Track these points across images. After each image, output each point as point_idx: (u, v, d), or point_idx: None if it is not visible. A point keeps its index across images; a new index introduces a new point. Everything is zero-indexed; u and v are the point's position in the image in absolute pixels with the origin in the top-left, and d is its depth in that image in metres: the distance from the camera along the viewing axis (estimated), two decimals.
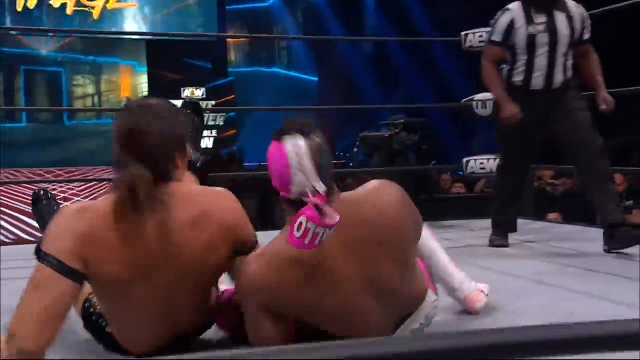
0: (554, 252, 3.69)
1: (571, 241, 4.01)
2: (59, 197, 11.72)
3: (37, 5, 18.70)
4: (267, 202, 9.82)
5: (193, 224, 1.84)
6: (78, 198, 11.83)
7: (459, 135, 17.68)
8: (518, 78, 3.75)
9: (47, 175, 14.51)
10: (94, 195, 12.05)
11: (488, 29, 4.96)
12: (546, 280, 2.97)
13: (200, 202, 1.89)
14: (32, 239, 9.20)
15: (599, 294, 2.68)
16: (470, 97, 5.09)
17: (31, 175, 14.92)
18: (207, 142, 20.05)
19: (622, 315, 2.22)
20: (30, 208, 2.94)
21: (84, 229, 1.76)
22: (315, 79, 21.46)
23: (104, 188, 12.51)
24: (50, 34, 19.08)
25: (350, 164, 15.27)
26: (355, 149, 6.30)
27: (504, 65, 3.84)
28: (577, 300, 2.63)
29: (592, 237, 3.93)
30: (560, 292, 2.78)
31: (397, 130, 5.30)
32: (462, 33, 5.16)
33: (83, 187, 12.65)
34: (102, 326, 2.06)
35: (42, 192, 2.91)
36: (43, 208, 2.85)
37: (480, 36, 4.98)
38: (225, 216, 1.91)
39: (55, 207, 2.82)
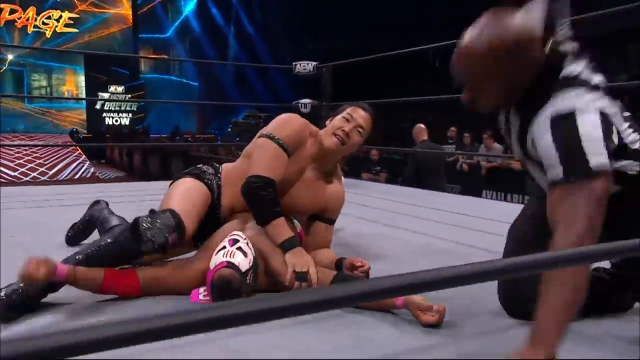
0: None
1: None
2: (22, 153, 10.71)
3: (5, 25, 16.72)
4: (165, 161, 9.73)
5: None
6: (37, 154, 10.96)
7: None
8: None
9: (14, 140, 13.16)
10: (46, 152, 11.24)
11: (308, 62, 4.55)
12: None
13: None
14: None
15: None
16: (297, 101, 5.08)
17: (2, 139, 13.46)
18: (125, 120, 19.00)
19: None
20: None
21: None
22: (197, 84, 20.85)
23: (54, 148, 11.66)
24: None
25: (219, 139, 15.21)
26: (229, 130, 6.22)
27: None
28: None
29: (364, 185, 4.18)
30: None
31: (261, 120, 5.28)
32: (293, 63, 4.60)
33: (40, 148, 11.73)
34: None
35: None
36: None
37: (304, 66, 4.54)
38: None
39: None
